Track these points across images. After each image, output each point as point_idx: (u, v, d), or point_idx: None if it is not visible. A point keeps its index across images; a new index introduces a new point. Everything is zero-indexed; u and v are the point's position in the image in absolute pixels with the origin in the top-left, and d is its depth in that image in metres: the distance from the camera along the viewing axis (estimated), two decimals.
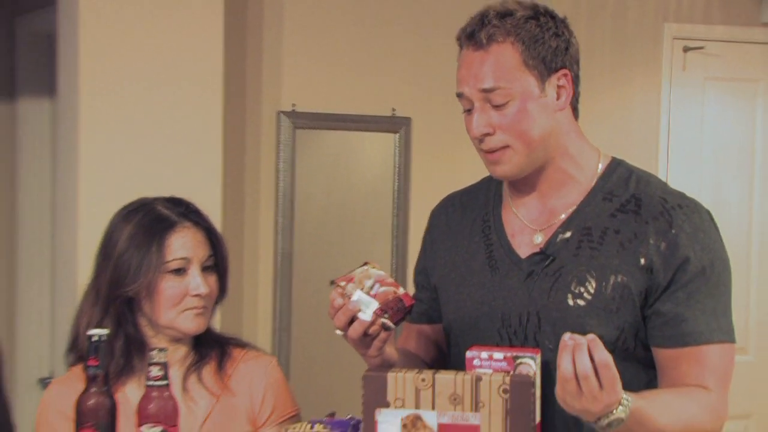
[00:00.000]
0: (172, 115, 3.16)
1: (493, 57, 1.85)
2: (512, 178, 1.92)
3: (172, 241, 2.08)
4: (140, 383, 2.02)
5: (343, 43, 3.69)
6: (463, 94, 1.89)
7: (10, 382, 2.08)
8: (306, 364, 3.62)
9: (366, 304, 1.81)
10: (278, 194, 3.59)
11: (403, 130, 3.75)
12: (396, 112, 3.74)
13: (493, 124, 1.86)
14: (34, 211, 3.97)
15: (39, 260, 3.96)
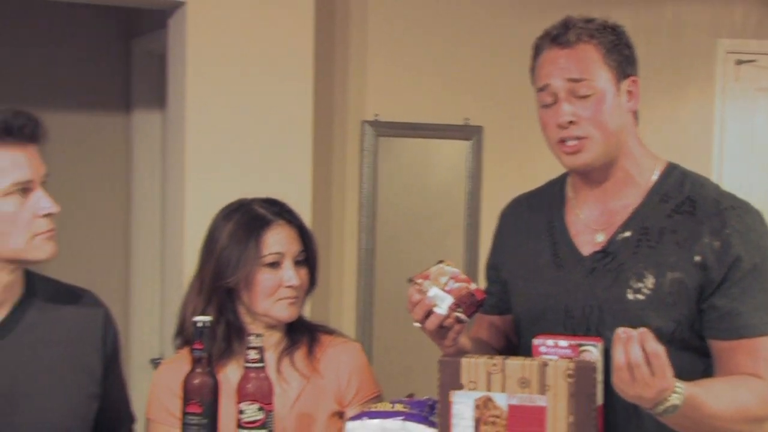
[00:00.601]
0: (267, 125, 3.18)
1: (579, 53, 1.86)
2: (587, 169, 1.90)
3: (268, 238, 2.09)
4: (239, 365, 2.04)
5: (422, 58, 3.68)
6: (549, 86, 1.88)
7: (126, 362, 2.11)
8: (387, 349, 3.63)
9: (441, 299, 1.81)
10: (361, 196, 3.60)
11: (476, 138, 3.73)
12: (469, 122, 3.72)
13: (577, 114, 1.85)
14: (145, 211, 4.02)
15: (150, 254, 4.00)
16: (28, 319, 1.85)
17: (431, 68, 3.69)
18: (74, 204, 3.88)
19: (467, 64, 3.73)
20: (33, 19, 3.92)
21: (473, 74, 3.73)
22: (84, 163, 4.00)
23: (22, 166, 1.76)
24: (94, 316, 1.96)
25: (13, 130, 1.76)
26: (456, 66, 3.72)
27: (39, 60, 3.92)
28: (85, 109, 4.02)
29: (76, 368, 1.89)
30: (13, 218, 1.75)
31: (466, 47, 3.73)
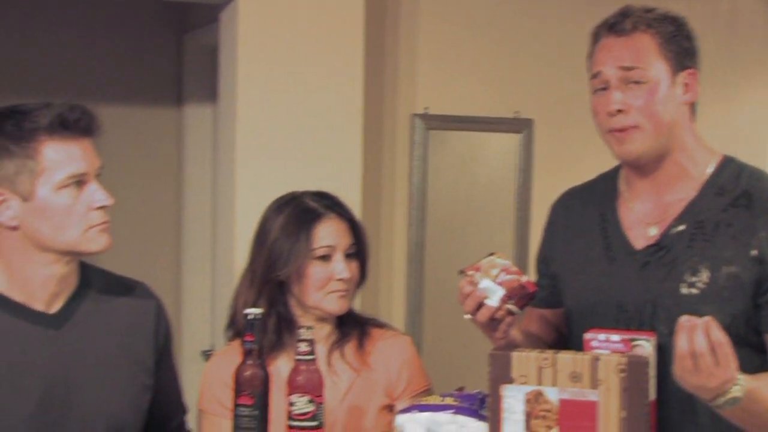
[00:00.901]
0: (318, 119, 3.19)
1: (634, 42, 1.84)
2: (637, 160, 1.88)
3: (319, 231, 2.09)
4: (290, 357, 2.05)
5: (472, 50, 3.66)
6: (601, 73, 1.86)
7: (177, 354, 2.13)
8: (436, 342, 3.62)
9: (492, 291, 1.80)
10: (411, 189, 3.59)
11: (526, 131, 3.71)
12: (519, 114, 3.70)
13: (627, 102, 1.83)
14: (197, 203, 4.05)
15: (201, 247, 4.03)
16: (83, 311, 1.87)
17: (482, 61, 3.67)
18: (127, 197, 3.90)
19: (518, 56, 3.70)
20: (87, 13, 3.96)
21: (524, 67, 3.70)
22: (137, 157, 4.04)
23: (77, 159, 1.78)
24: (147, 307, 1.98)
25: (69, 123, 1.78)
26: (507, 58, 3.69)
27: (93, 54, 3.96)
28: (137, 103, 4.06)
29: (129, 359, 1.91)
30: (68, 211, 1.78)
31: (517, 39, 3.70)
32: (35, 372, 1.79)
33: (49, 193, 1.76)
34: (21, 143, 1.76)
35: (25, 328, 1.81)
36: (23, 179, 1.76)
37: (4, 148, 1.76)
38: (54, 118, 1.77)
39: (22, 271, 1.81)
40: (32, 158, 1.76)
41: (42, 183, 1.76)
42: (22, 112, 1.78)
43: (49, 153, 1.76)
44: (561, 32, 3.70)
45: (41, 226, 1.77)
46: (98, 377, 1.85)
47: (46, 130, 1.76)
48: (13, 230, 1.79)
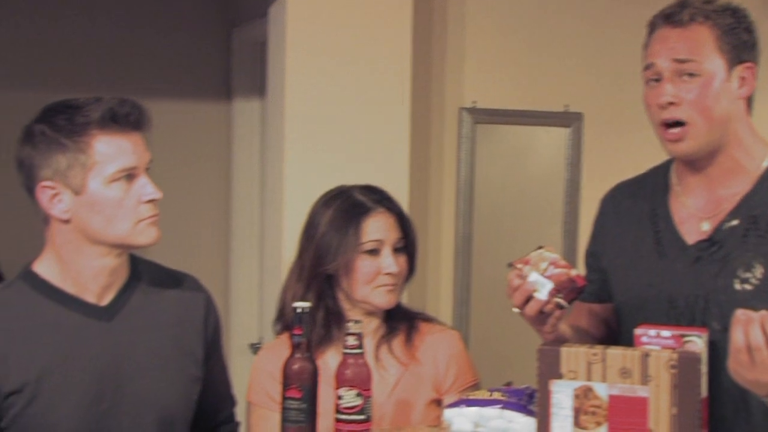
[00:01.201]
0: (365, 112, 3.18)
1: (691, 34, 1.81)
2: (690, 157, 1.85)
3: (368, 225, 2.09)
4: (338, 351, 2.05)
5: (520, 44, 3.64)
6: (654, 65, 1.83)
7: (225, 347, 2.14)
8: (484, 337, 3.60)
9: (541, 285, 1.79)
10: (459, 183, 3.58)
11: (575, 125, 3.67)
12: (569, 108, 3.67)
13: (679, 96, 1.80)
14: (245, 197, 4.07)
15: (250, 240, 4.05)
16: (133, 303, 1.89)
17: (530, 54, 3.64)
18: (176, 191, 3.94)
19: (567, 49, 3.67)
20: (137, 8, 4.00)
21: (573, 60, 3.67)
22: (186, 151, 4.07)
23: (128, 152, 1.80)
24: (196, 300, 1.99)
25: (119, 117, 1.79)
26: (556, 51, 3.66)
27: (143, 49, 3.99)
28: (187, 97, 4.08)
29: (178, 351, 1.92)
30: (119, 204, 1.79)
31: (566, 32, 3.67)
32: (87, 363, 1.81)
33: (100, 186, 1.78)
34: (73, 137, 1.78)
35: (77, 320, 1.83)
36: (75, 173, 1.78)
37: (56, 142, 1.78)
38: (105, 112, 1.78)
39: (74, 263, 1.83)
40: (84, 152, 1.77)
41: (93, 176, 1.78)
42: (74, 107, 1.80)
43: (100, 147, 1.78)
44: (611, 25, 3.66)
45: (92, 219, 1.79)
46: (148, 369, 1.86)
47: (98, 124, 1.78)
48: (65, 223, 1.81)
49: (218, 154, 4.13)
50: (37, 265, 1.86)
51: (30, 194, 1.83)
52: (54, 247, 1.84)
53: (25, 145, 1.81)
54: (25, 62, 3.81)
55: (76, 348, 1.81)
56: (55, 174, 1.78)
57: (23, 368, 1.76)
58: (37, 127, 1.80)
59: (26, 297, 1.82)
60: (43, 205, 1.81)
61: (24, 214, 1.95)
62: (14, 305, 1.82)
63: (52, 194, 1.79)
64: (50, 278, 1.84)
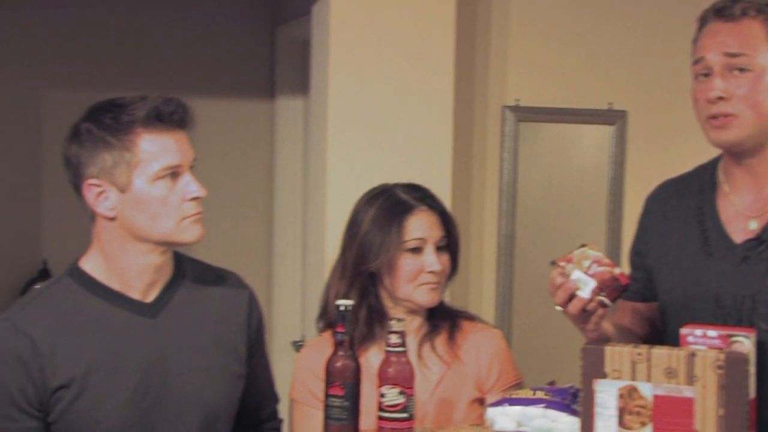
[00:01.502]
0: (408, 111, 3.18)
1: (742, 28, 1.79)
2: (734, 147, 1.82)
3: (410, 223, 2.09)
4: (381, 349, 2.05)
5: (564, 41, 3.61)
6: (704, 59, 1.81)
7: (268, 344, 2.15)
8: (526, 336, 3.58)
9: (584, 283, 1.78)
10: (502, 181, 3.56)
11: (620, 123, 3.64)
12: (612, 106, 3.63)
13: (729, 90, 1.77)
14: (288, 195, 4.08)
15: (292, 238, 4.06)
16: (178, 300, 1.90)
17: (574, 51, 3.62)
18: (219, 188, 3.97)
19: (611, 46, 3.64)
20: (182, 7, 4.03)
21: (618, 57, 3.64)
22: (229, 149, 4.09)
23: (172, 151, 1.81)
24: (240, 297, 2.00)
25: (164, 116, 1.80)
26: (600, 49, 3.63)
27: (187, 47, 4.02)
28: (230, 95, 4.11)
29: (222, 348, 1.93)
30: (163, 202, 1.80)
31: (610, 29, 3.64)
32: (133, 359, 1.82)
33: (145, 184, 1.79)
34: (119, 135, 1.79)
35: (123, 317, 1.84)
36: (120, 171, 1.79)
37: (102, 140, 1.79)
38: (150, 110, 1.80)
39: (120, 260, 1.84)
40: (129, 150, 1.79)
41: (138, 174, 1.79)
42: (119, 105, 1.82)
43: (145, 145, 1.79)
44: (655, 21, 3.62)
45: (137, 216, 1.80)
46: (192, 365, 1.88)
47: (143, 123, 1.79)
48: (110, 221, 1.82)
49: (261, 152, 4.15)
50: (84, 261, 1.88)
51: (77, 192, 1.84)
52: (100, 244, 1.86)
53: (72, 144, 1.83)
54: (73, 62, 3.86)
55: (122, 344, 1.82)
56: (101, 172, 1.80)
57: (70, 364, 1.78)
58: (84, 126, 1.82)
59: (73, 293, 1.84)
60: (89, 202, 1.82)
61: (71, 211, 1.96)
62: (61, 301, 1.83)
63: (98, 192, 1.81)
64: (96, 275, 1.85)
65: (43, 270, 3.77)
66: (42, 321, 1.80)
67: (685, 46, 1.92)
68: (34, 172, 3.80)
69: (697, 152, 2.01)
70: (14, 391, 1.76)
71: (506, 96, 3.55)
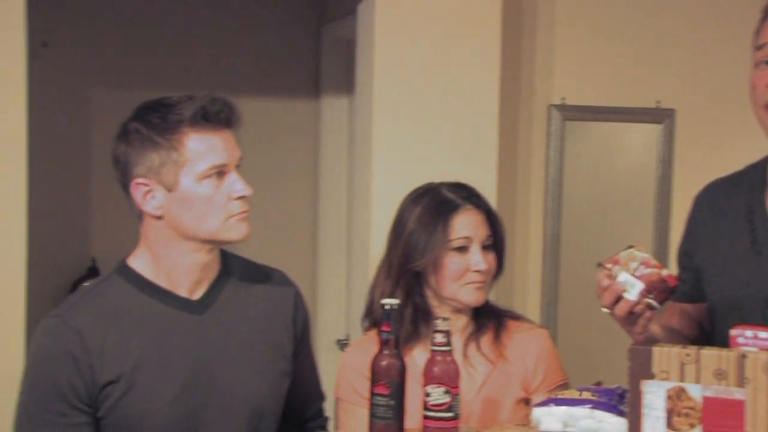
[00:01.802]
0: (453, 109, 3.17)
1: None
2: None
3: (456, 222, 2.08)
4: (426, 348, 2.04)
5: (610, 38, 3.58)
6: (767, 45, 1.78)
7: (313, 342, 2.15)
8: (572, 336, 3.56)
9: (631, 285, 1.76)
10: (547, 181, 3.55)
11: (667, 122, 3.61)
12: (660, 104, 3.60)
13: None
14: (333, 194, 4.09)
15: (337, 237, 4.07)
16: (224, 297, 1.91)
17: (621, 49, 3.59)
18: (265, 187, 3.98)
19: (659, 43, 3.60)
20: (228, 7, 4.05)
21: (666, 55, 3.60)
22: (275, 148, 4.11)
23: (219, 150, 1.82)
24: (285, 295, 2.00)
25: (210, 115, 1.82)
26: (647, 47, 3.60)
27: (234, 47, 4.05)
28: (276, 95, 4.12)
29: (268, 345, 1.94)
30: (210, 200, 1.81)
31: (657, 25, 3.60)
32: (181, 356, 1.84)
33: (192, 183, 1.81)
34: (166, 135, 1.80)
35: (171, 314, 1.86)
36: (167, 170, 1.80)
37: (150, 139, 1.81)
38: (197, 110, 1.81)
39: (167, 258, 1.86)
40: (176, 150, 1.80)
41: (185, 174, 1.80)
42: (167, 105, 1.83)
43: (191, 144, 1.81)
44: (705, 18, 3.58)
45: (184, 215, 1.82)
46: (239, 362, 1.89)
47: (190, 123, 1.80)
48: (158, 219, 1.84)
49: (306, 151, 4.16)
50: (132, 259, 1.90)
51: (125, 191, 1.86)
52: (147, 242, 1.87)
53: (120, 143, 1.85)
54: (122, 62, 3.90)
55: (170, 341, 1.84)
56: (148, 171, 1.81)
57: (119, 359, 1.80)
58: (132, 125, 1.83)
59: (122, 291, 1.86)
60: (137, 201, 1.84)
61: (119, 209, 1.98)
62: (110, 298, 1.85)
63: (145, 191, 1.82)
64: (144, 273, 1.87)
65: (91, 268, 3.81)
66: (91, 318, 1.82)
67: (734, 42, 1.90)
68: (84, 170, 3.85)
69: (746, 151, 1.98)
70: (64, 388, 1.78)
71: (552, 95, 3.53)
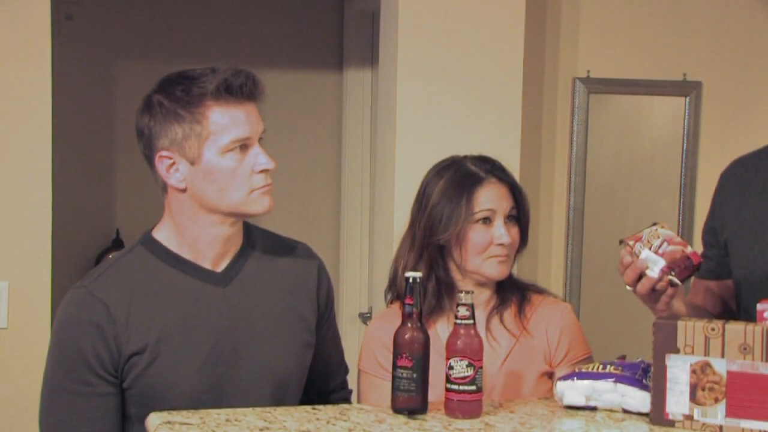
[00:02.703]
0: (477, 81, 3.15)
1: None
2: None
3: (480, 195, 2.07)
4: (449, 321, 2.05)
5: (636, 10, 3.55)
6: None
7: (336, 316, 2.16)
8: (595, 310, 3.56)
9: (653, 262, 1.76)
10: (571, 154, 3.53)
11: (694, 94, 3.57)
12: (687, 77, 3.57)
13: None
14: (356, 166, 4.08)
15: (360, 210, 4.07)
16: (248, 269, 1.92)
17: (647, 21, 3.55)
18: (288, 159, 4.00)
19: (686, 15, 3.57)
20: None
21: (693, 26, 3.57)
22: (298, 120, 4.11)
23: (242, 123, 1.82)
24: (309, 267, 2.01)
25: (233, 88, 1.81)
26: (674, 18, 3.56)
27: (257, 19, 4.04)
28: (300, 67, 4.12)
29: (291, 317, 1.95)
30: (233, 173, 1.82)
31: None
32: (205, 327, 1.85)
33: (215, 156, 1.81)
34: (189, 108, 1.80)
35: (195, 285, 1.87)
36: (191, 143, 1.81)
37: (173, 112, 1.81)
38: (220, 83, 1.80)
39: (191, 231, 1.87)
40: (199, 123, 1.80)
41: (208, 147, 1.81)
42: (190, 78, 1.83)
43: (215, 117, 1.81)
44: None
45: (207, 188, 1.82)
46: (263, 333, 1.90)
47: (213, 95, 1.80)
48: (181, 192, 1.85)
49: (329, 123, 4.16)
50: (156, 231, 1.91)
51: (149, 163, 1.87)
52: (171, 215, 1.88)
53: (144, 115, 1.85)
54: (146, 34, 3.90)
55: (194, 312, 1.85)
56: (172, 144, 1.82)
57: (144, 330, 1.81)
58: (156, 98, 1.84)
59: (146, 261, 1.87)
60: (160, 174, 1.85)
61: (144, 181, 1.99)
62: (135, 270, 1.86)
63: (169, 164, 1.83)
64: (168, 245, 1.88)
65: (116, 240, 3.84)
66: (116, 289, 1.83)
67: (764, 14, 1.87)
68: (108, 142, 3.86)
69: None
70: (90, 357, 1.80)
71: (577, 67, 3.51)
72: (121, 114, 3.82)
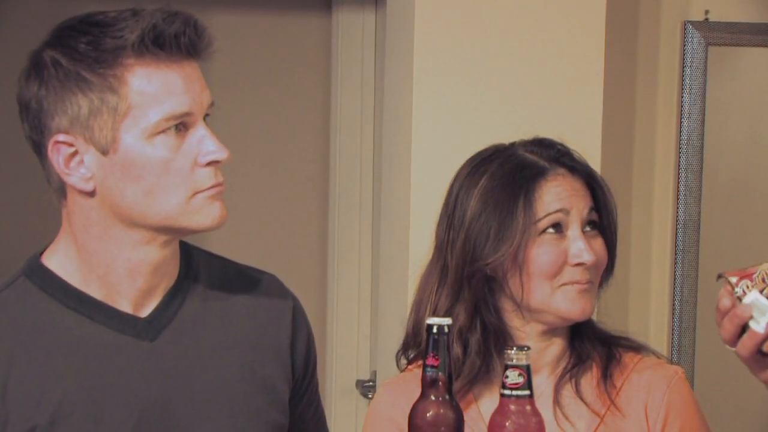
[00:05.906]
0: (537, 28, 3.16)
1: None
2: None
3: (543, 194, 2.09)
4: (494, 392, 2.05)
5: None
6: None
7: (322, 384, 2.17)
8: (717, 375, 3.56)
9: (762, 311, 1.76)
10: (680, 135, 3.55)
11: None
12: None
13: None
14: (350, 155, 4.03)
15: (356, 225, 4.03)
16: (186, 314, 1.93)
17: None
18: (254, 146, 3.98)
19: None
20: None
21: None
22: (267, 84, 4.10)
23: (177, 92, 1.82)
24: (279, 310, 2.02)
25: (165, 39, 1.81)
26: None
27: None
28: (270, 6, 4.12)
29: (253, 385, 1.95)
30: (165, 168, 1.82)
31: None
32: (121, 401, 1.85)
33: (138, 141, 1.82)
34: (99, 69, 1.81)
35: (107, 338, 1.87)
36: (101, 122, 1.81)
37: (76, 76, 1.81)
38: (145, 31, 1.80)
39: (102, 255, 1.87)
40: (114, 91, 1.81)
41: (127, 128, 1.81)
42: (99, 24, 1.83)
43: (137, 83, 1.82)
44: None
45: (126, 189, 1.83)
46: (209, 411, 1.90)
47: (135, 50, 1.81)
48: (87, 196, 1.85)
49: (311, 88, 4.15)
50: (48, 256, 1.91)
51: (38, 153, 1.88)
52: (72, 231, 1.89)
53: (29, 82, 1.85)
54: None
55: (106, 379, 1.86)
56: (72, 124, 1.83)
57: (31, 406, 1.82)
58: (48, 55, 1.84)
59: (32, 302, 1.88)
60: (56, 168, 1.85)
61: (28, 181, 2.00)
62: (15, 314, 1.87)
63: (69, 153, 1.84)
64: (66, 276, 1.89)
65: None
66: None
67: None
68: None
69: None
70: None
71: (689, 7, 3.53)
72: None
